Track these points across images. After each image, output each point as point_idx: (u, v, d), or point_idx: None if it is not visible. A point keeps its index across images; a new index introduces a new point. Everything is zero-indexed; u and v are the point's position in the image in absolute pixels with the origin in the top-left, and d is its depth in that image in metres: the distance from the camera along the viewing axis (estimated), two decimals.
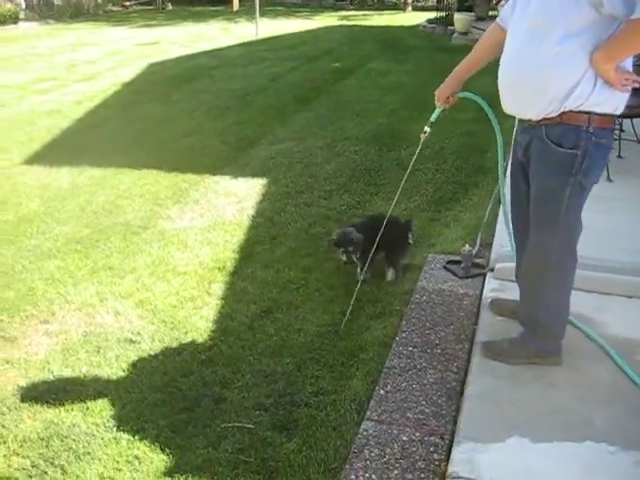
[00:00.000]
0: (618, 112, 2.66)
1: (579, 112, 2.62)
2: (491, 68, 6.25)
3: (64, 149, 6.91)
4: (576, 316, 3.26)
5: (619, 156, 5.31)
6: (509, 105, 2.88)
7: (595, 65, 2.53)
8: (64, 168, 6.33)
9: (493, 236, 4.24)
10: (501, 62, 2.85)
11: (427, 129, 3.31)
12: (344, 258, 3.95)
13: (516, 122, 3.09)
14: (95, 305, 4.00)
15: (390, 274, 3.97)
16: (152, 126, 7.53)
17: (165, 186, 5.81)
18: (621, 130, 5.32)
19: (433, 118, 3.27)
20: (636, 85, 2.56)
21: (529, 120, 2.79)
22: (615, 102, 2.63)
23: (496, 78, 2.88)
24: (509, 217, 3.33)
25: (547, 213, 2.83)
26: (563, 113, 2.63)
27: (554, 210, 2.80)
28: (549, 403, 2.87)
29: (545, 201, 2.83)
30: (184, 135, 7.15)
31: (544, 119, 2.69)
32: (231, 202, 5.42)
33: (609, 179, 4.96)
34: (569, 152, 2.67)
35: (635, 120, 5.59)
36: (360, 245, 3.92)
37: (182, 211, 5.30)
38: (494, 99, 5.83)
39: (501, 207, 3.46)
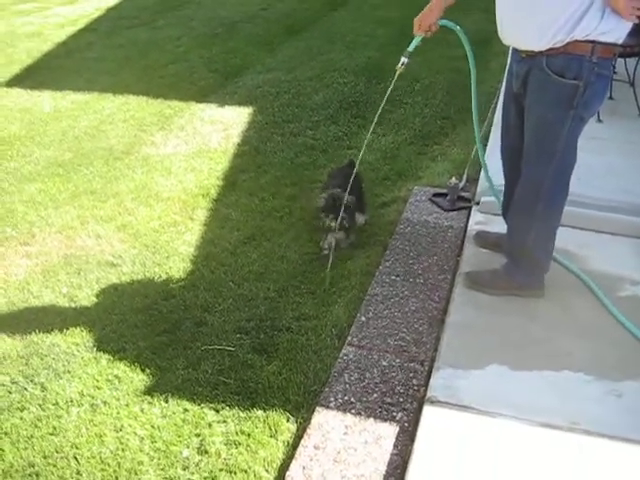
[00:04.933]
0: (620, 42, 2.60)
1: (584, 41, 2.55)
2: (482, 3, 6.07)
3: (46, 73, 6.71)
4: (560, 251, 3.27)
5: (610, 97, 5.23)
6: (510, 37, 2.78)
7: None
8: (46, 92, 6.17)
9: (479, 171, 4.20)
10: None
11: (405, 60, 3.03)
12: (333, 225, 3.50)
13: (510, 52, 3.01)
14: (76, 228, 3.95)
15: (362, 218, 3.84)
16: (137, 52, 7.31)
17: (150, 112, 5.69)
18: (614, 71, 5.25)
19: (411, 48, 3.02)
20: None
21: (528, 50, 2.72)
22: (619, 32, 2.56)
23: (487, 14, 2.77)
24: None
25: (544, 145, 2.79)
26: (568, 43, 2.56)
27: (551, 143, 2.76)
28: (529, 334, 2.90)
29: (543, 133, 2.78)
30: (170, 62, 6.96)
31: (548, 49, 2.61)
32: (217, 130, 5.32)
33: (599, 120, 4.91)
34: (571, 83, 2.62)
35: (627, 62, 5.51)
36: (352, 208, 3.56)
37: (166, 138, 5.20)
38: (485, 35, 5.70)
39: (477, 143, 3.37)
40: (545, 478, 2.25)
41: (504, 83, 3.21)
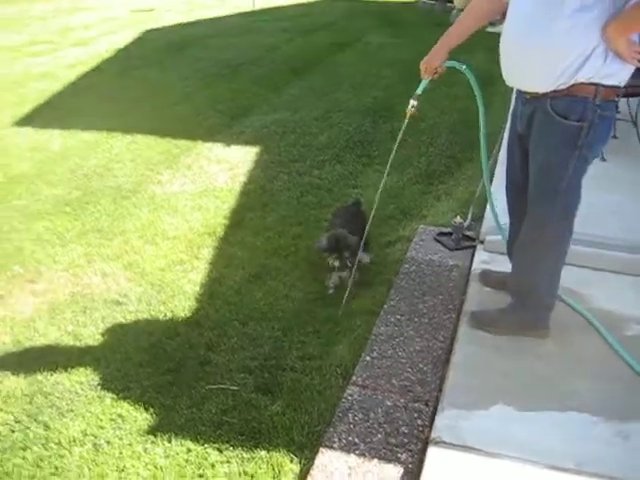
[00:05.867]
0: (622, 84, 2.64)
1: (588, 84, 2.59)
2: (486, 43, 6.15)
3: (56, 112, 6.82)
4: (565, 290, 3.26)
5: (614, 136, 5.28)
6: (515, 78, 2.82)
7: (607, 38, 2.48)
8: (56, 131, 6.26)
9: (484, 209, 4.23)
10: (505, 33, 2.76)
11: (414, 102, 3.12)
12: (337, 264, 3.57)
13: (513, 94, 3.05)
14: (82, 266, 3.97)
15: (367, 257, 3.84)
16: (145, 92, 7.43)
17: (157, 152, 5.76)
18: (617, 111, 5.29)
19: (420, 90, 3.10)
20: None
21: (532, 92, 2.75)
22: (622, 75, 2.60)
23: (490, 54, 2.80)
24: (494, 192, 3.31)
25: (549, 186, 2.81)
26: (572, 85, 2.60)
27: (556, 183, 2.77)
28: (534, 374, 2.88)
29: (548, 174, 2.80)
30: (177, 102, 7.07)
31: (552, 91, 2.65)
32: (223, 169, 5.37)
33: (603, 158, 4.94)
34: (575, 124, 2.64)
35: (629, 102, 5.57)
36: (355, 247, 3.57)
37: (173, 176, 5.26)
38: (489, 75, 5.76)
39: (484, 182, 3.39)
40: None
41: (508, 123, 3.25)
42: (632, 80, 2.73)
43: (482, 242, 3.90)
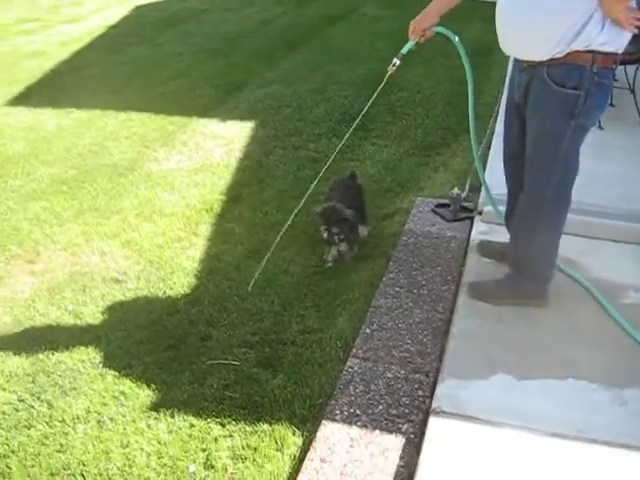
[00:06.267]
0: (620, 51, 2.61)
1: (584, 52, 2.56)
2: (482, 13, 6.06)
3: (49, 91, 6.75)
4: (563, 259, 3.27)
5: (611, 104, 5.25)
6: (511, 47, 2.80)
7: (605, 4, 2.47)
8: (49, 110, 6.21)
9: None
10: (501, 2, 2.75)
11: (397, 61, 3.06)
12: (325, 236, 3.62)
13: (510, 62, 3.03)
14: (81, 245, 3.97)
15: (365, 230, 3.84)
16: (139, 69, 7.37)
17: (152, 128, 5.72)
18: (614, 78, 5.26)
19: (405, 50, 3.05)
20: None
21: (529, 60, 2.73)
22: (619, 42, 2.58)
23: (487, 24, 2.76)
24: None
25: (546, 155, 2.80)
26: (568, 53, 2.58)
27: (553, 152, 2.76)
28: (533, 343, 2.90)
29: (545, 143, 2.79)
30: (172, 78, 7.01)
31: (549, 60, 2.63)
32: (219, 145, 5.35)
33: (600, 127, 4.92)
34: (572, 92, 2.63)
35: (627, 69, 5.53)
36: (349, 223, 3.62)
37: (169, 153, 5.23)
38: (486, 45, 5.70)
39: (474, 152, 3.37)
40: None
41: (505, 93, 3.23)
42: (629, 47, 2.71)
43: (480, 213, 3.90)
